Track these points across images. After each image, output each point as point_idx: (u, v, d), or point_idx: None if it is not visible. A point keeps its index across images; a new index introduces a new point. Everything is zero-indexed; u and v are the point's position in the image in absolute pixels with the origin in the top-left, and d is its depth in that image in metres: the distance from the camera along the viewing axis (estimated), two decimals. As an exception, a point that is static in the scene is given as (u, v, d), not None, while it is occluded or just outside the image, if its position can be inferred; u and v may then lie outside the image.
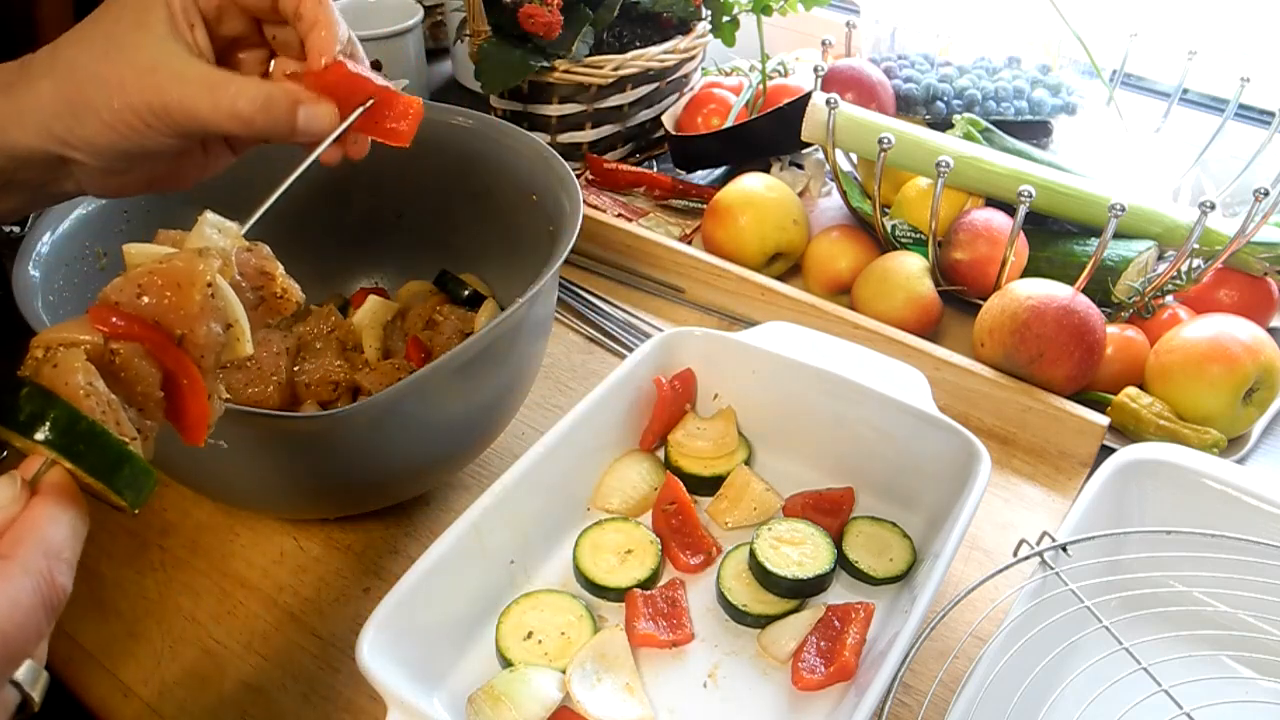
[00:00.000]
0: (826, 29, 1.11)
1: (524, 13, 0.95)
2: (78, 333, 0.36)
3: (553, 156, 0.69)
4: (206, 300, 0.38)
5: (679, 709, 0.56)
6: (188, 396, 0.38)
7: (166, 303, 0.37)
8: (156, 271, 0.37)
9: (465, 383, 0.59)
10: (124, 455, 0.35)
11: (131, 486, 0.35)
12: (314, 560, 0.67)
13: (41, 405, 0.33)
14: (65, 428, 0.33)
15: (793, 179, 1.03)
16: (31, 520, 0.33)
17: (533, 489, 0.60)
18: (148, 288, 0.37)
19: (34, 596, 0.31)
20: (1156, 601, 0.58)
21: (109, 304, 0.37)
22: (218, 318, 0.38)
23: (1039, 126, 1.01)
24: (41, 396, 0.33)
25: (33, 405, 0.33)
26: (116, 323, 0.36)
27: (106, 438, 0.34)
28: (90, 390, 0.34)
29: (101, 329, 0.36)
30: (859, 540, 0.64)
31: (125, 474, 0.35)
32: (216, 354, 0.39)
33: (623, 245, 0.95)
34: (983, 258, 0.84)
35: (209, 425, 0.39)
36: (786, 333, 0.72)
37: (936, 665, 0.60)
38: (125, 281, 0.37)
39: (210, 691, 0.59)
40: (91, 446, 0.34)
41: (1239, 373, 0.73)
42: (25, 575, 0.31)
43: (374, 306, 0.74)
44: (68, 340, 0.35)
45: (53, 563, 0.32)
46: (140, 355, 0.36)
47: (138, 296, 0.37)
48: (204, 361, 0.38)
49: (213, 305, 0.38)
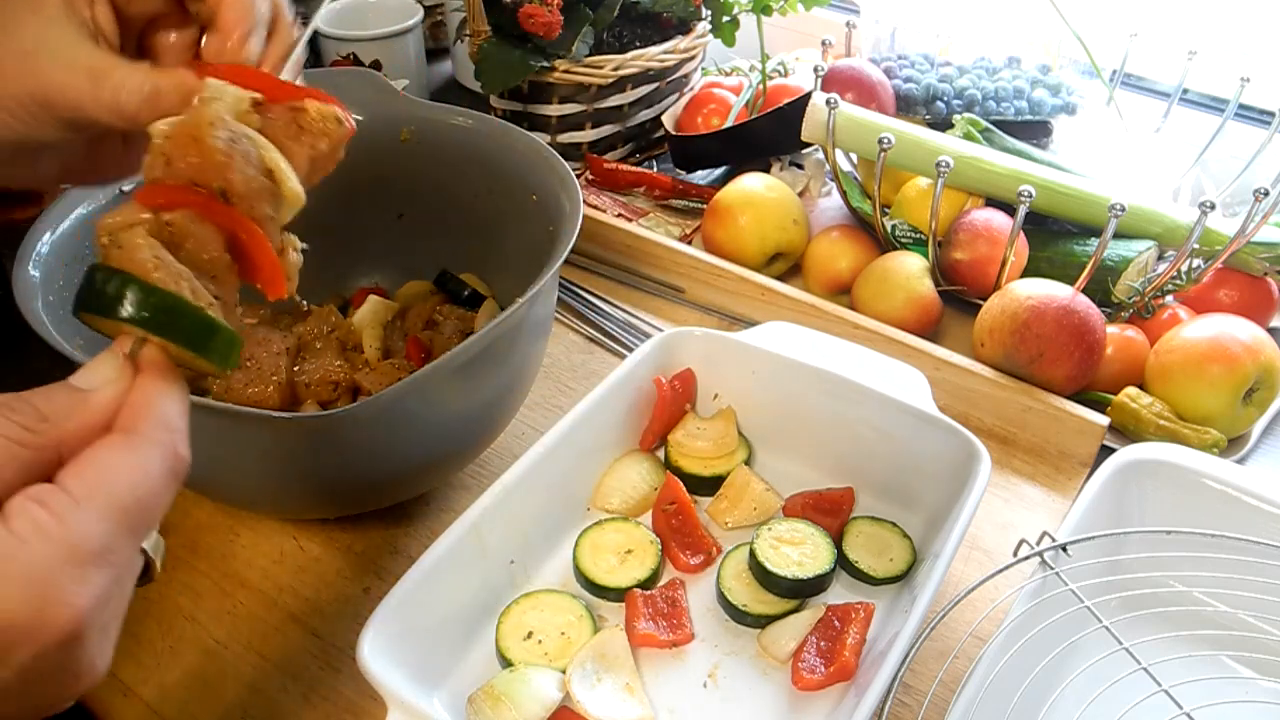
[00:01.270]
0: (826, 29, 1.11)
1: (524, 13, 0.95)
2: (132, 214, 0.36)
3: (553, 156, 0.69)
4: (227, 145, 0.37)
5: (679, 709, 0.56)
6: (253, 250, 0.38)
7: (193, 160, 0.37)
8: (172, 134, 0.37)
9: (465, 383, 0.59)
10: (205, 321, 0.35)
11: (218, 351, 0.36)
12: (314, 560, 0.67)
13: (118, 285, 0.34)
14: (143, 302, 0.34)
15: (793, 179, 1.03)
16: (145, 395, 0.33)
17: (533, 489, 0.60)
18: (171, 153, 0.37)
19: (162, 465, 0.32)
20: (1156, 601, 0.58)
21: (151, 181, 0.37)
22: (249, 161, 0.38)
23: (1039, 126, 1.01)
24: (116, 277, 0.34)
25: (110, 287, 0.34)
26: (160, 196, 0.36)
27: (184, 304, 0.35)
28: (158, 263, 0.34)
29: (149, 204, 0.36)
30: (859, 540, 0.64)
31: (210, 340, 0.35)
32: (267, 201, 0.38)
33: (623, 245, 0.95)
34: (983, 258, 0.84)
35: (289, 276, 0.39)
36: (786, 333, 0.72)
37: (936, 665, 0.60)
38: (154, 156, 0.37)
39: (210, 691, 0.59)
40: (172, 316, 0.34)
41: (1239, 373, 0.73)
42: (153, 446, 0.32)
43: (374, 306, 0.74)
44: (126, 223, 0.35)
45: (173, 434, 0.33)
46: (194, 220, 0.36)
47: (168, 165, 0.37)
48: (255, 211, 0.38)
49: (238, 149, 0.37)
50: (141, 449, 0.32)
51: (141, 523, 0.32)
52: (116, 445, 0.32)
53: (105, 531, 0.30)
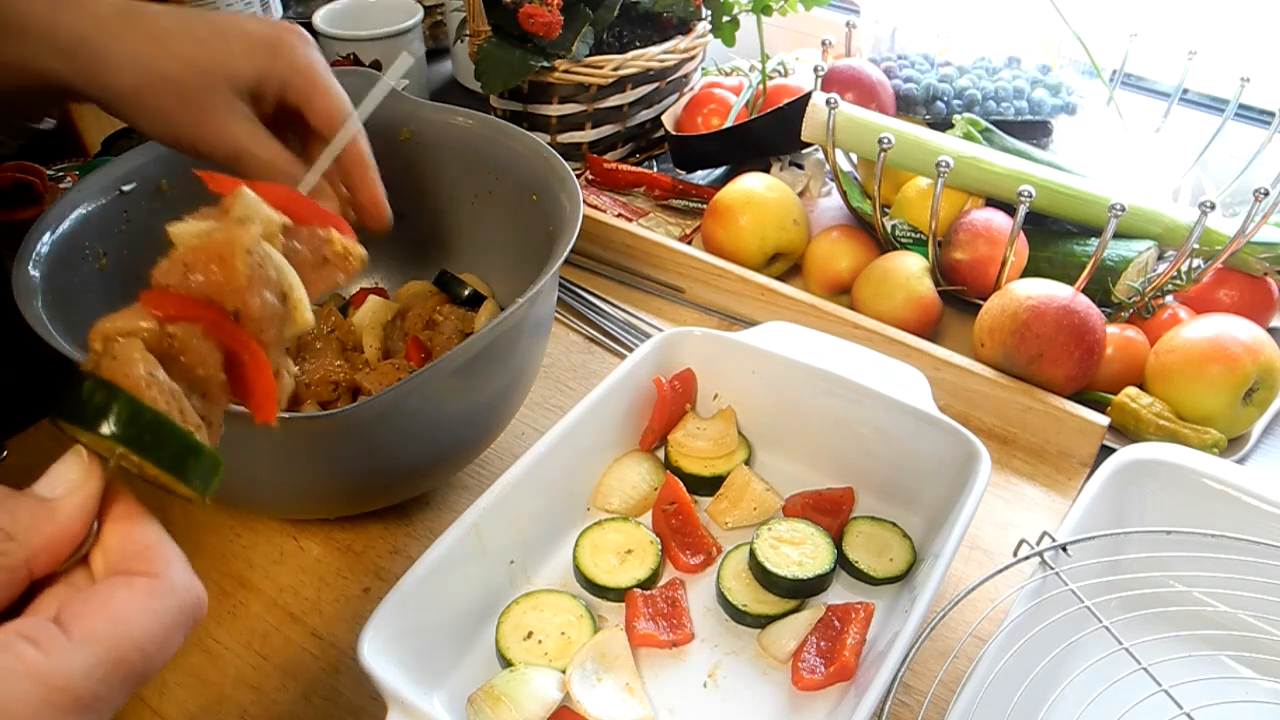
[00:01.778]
0: (826, 29, 1.11)
1: (524, 13, 0.95)
2: (133, 320, 0.35)
3: (553, 156, 0.69)
4: (252, 269, 0.36)
5: (679, 709, 0.56)
6: (252, 373, 0.37)
7: (214, 277, 0.36)
8: (199, 247, 0.36)
9: (465, 383, 0.59)
10: (190, 445, 0.34)
11: (200, 476, 0.34)
12: (314, 560, 0.67)
13: (105, 399, 0.32)
14: (130, 420, 0.32)
15: (793, 179, 1.03)
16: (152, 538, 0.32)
17: (533, 489, 0.60)
18: (193, 265, 0.36)
19: (180, 615, 0.31)
20: (1156, 601, 0.58)
21: (160, 288, 0.36)
22: (270, 287, 0.37)
23: (1039, 126, 1.01)
24: (104, 390, 0.33)
25: (97, 399, 0.32)
26: (169, 306, 0.35)
27: (172, 428, 0.33)
28: (151, 380, 0.33)
29: (156, 313, 0.35)
30: (859, 540, 0.64)
31: (192, 464, 0.34)
32: (277, 326, 0.38)
33: (623, 245, 0.95)
34: (983, 258, 0.84)
35: (279, 403, 0.38)
36: (786, 333, 0.72)
37: (936, 665, 0.60)
38: (171, 263, 0.36)
39: (210, 691, 0.59)
40: (158, 437, 0.33)
41: (1239, 373, 0.73)
42: (173, 595, 0.31)
43: (374, 306, 0.74)
44: (124, 330, 0.34)
45: (191, 575, 0.32)
46: (198, 336, 0.35)
47: (185, 276, 0.36)
48: (264, 335, 0.37)
49: (261, 274, 0.37)
50: (162, 598, 0.30)
51: (142, 676, 0.30)
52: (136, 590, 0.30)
53: (98, 681, 0.28)
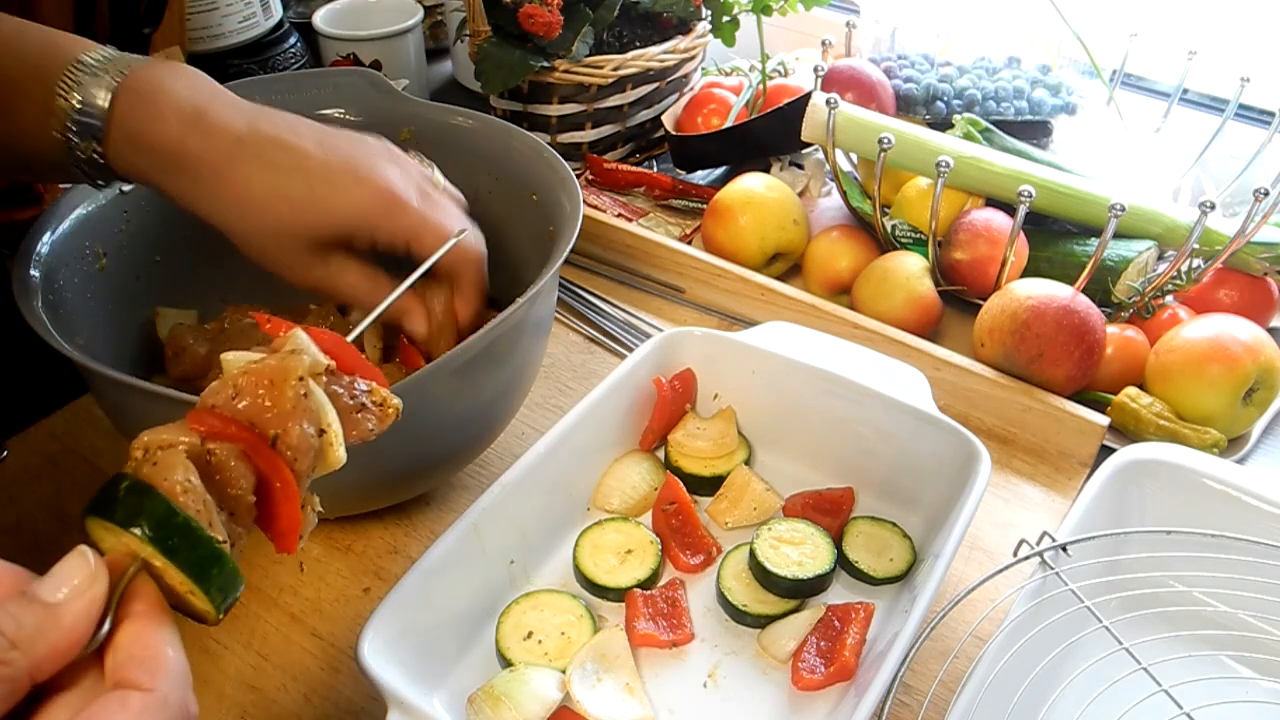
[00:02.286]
0: (826, 29, 1.11)
1: (524, 13, 0.95)
2: (176, 434, 0.36)
3: (553, 156, 0.69)
4: (299, 398, 0.38)
5: (679, 709, 0.56)
6: (280, 500, 0.38)
7: (260, 402, 0.37)
8: (250, 371, 0.38)
9: (465, 383, 0.59)
10: (217, 554, 0.35)
11: (221, 588, 0.35)
12: (314, 560, 0.67)
13: (140, 499, 0.34)
14: (161, 521, 0.33)
15: (793, 179, 1.03)
16: (154, 642, 0.32)
17: (533, 489, 0.60)
18: (242, 388, 0.38)
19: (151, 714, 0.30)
20: (1156, 601, 0.58)
21: (206, 408, 0.37)
22: (310, 419, 0.38)
23: (1039, 126, 1.01)
24: (140, 491, 0.34)
25: (131, 499, 0.34)
26: (213, 423, 0.37)
27: (201, 534, 0.34)
28: (188, 487, 0.35)
29: (199, 429, 0.37)
30: (859, 540, 0.64)
31: (216, 574, 0.35)
32: (310, 459, 0.39)
33: (623, 245, 0.95)
34: (983, 258, 0.84)
35: (301, 535, 0.39)
36: (786, 333, 0.72)
37: (936, 665, 0.60)
38: (221, 384, 0.38)
39: (210, 692, 0.59)
40: (185, 542, 0.34)
41: (1239, 373, 0.73)
42: (165, 709, 0.30)
43: (374, 306, 0.74)
44: (167, 442, 0.36)
45: (186, 691, 0.32)
46: (236, 456, 0.37)
47: (233, 398, 0.37)
48: (297, 465, 0.38)
49: (305, 405, 0.38)
50: (154, 711, 0.30)
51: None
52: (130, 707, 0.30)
53: None
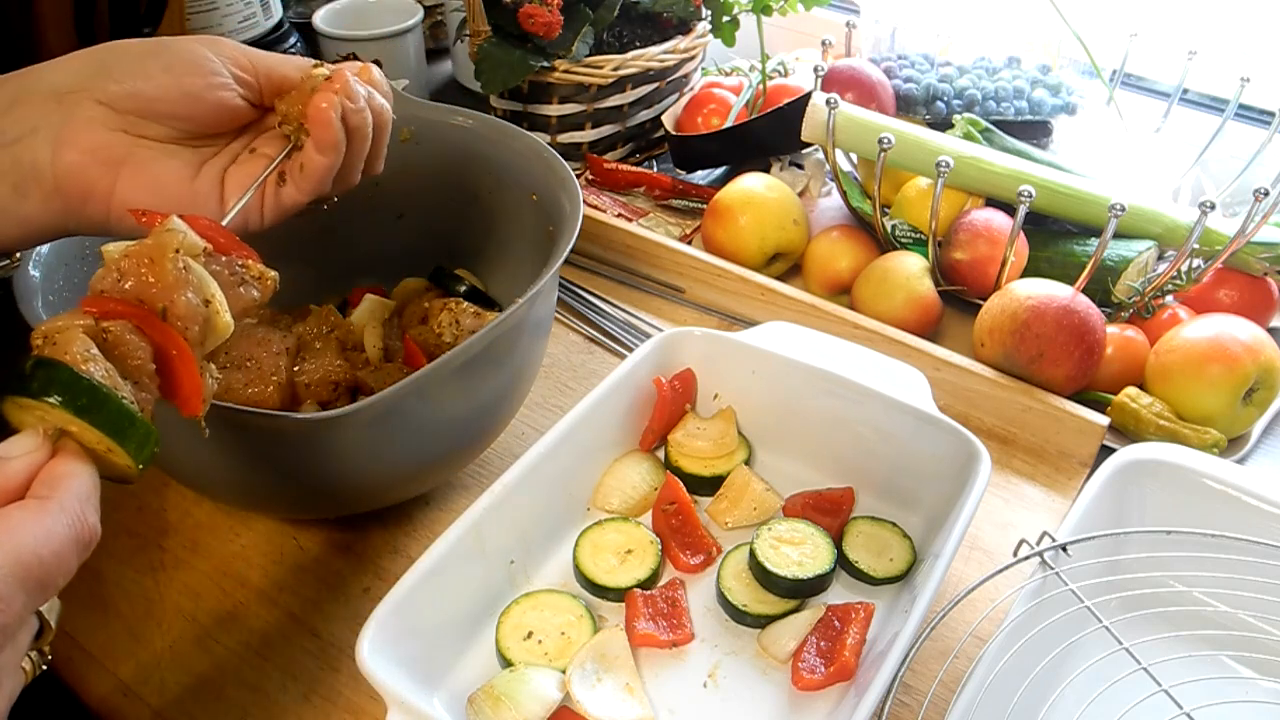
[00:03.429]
0: (826, 29, 1.11)
1: (524, 13, 0.95)
2: (71, 320, 0.39)
3: (553, 156, 0.69)
4: (179, 271, 0.41)
5: (679, 709, 0.56)
6: (178, 367, 0.41)
7: (143, 279, 0.41)
8: (130, 254, 0.41)
9: (465, 383, 0.59)
10: (127, 412, 0.38)
11: (136, 442, 0.38)
12: (314, 560, 0.67)
13: (48, 371, 0.37)
14: (71, 387, 0.37)
15: (793, 179, 1.03)
16: (61, 469, 0.36)
17: (533, 489, 0.60)
18: (125, 270, 0.41)
19: (69, 531, 0.35)
20: (1156, 601, 0.58)
21: (95, 294, 0.41)
22: (195, 290, 0.42)
23: (1039, 126, 1.01)
24: (46, 364, 0.37)
25: (40, 373, 0.37)
26: (104, 305, 0.40)
27: (108, 393, 0.38)
28: (88, 356, 0.38)
29: (91, 311, 0.40)
30: (859, 540, 0.64)
31: (129, 430, 0.38)
32: (201, 326, 0.42)
33: (623, 245, 0.95)
34: (983, 258, 0.84)
35: (204, 398, 0.43)
36: (786, 333, 0.72)
37: (936, 665, 0.60)
38: (105, 270, 0.41)
39: (210, 691, 0.59)
40: (97, 403, 0.37)
41: (1239, 373, 0.73)
42: (62, 513, 0.35)
43: (371, 305, 0.74)
44: (63, 326, 0.39)
45: (84, 504, 0.36)
46: (130, 331, 0.40)
47: (119, 280, 0.41)
48: (189, 334, 0.42)
49: (186, 277, 0.42)
50: (51, 514, 0.34)
51: (41, 582, 0.34)
52: (28, 508, 0.34)
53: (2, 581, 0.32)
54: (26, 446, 0.37)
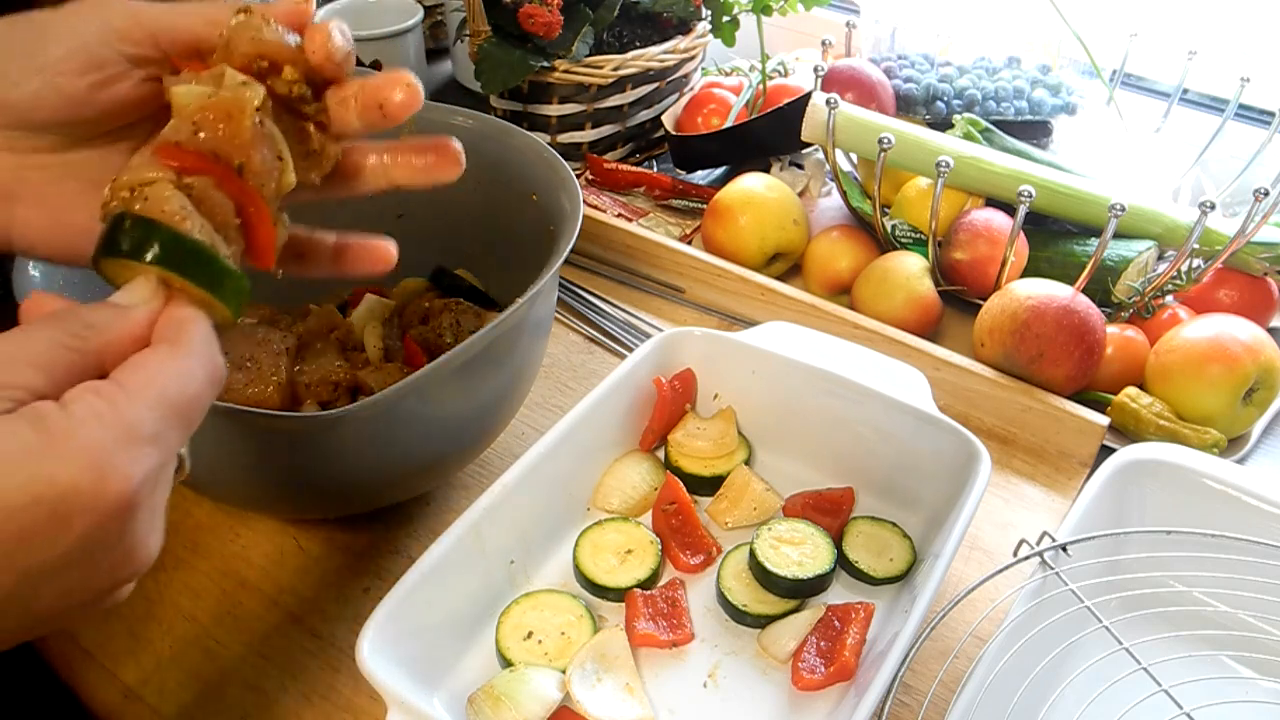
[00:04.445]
0: (826, 29, 1.11)
1: (524, 13, 0.95)
2: (152, 171, 0.38)
3: (553, 156, 0.69)
4: (257, 127, 0.40)
5: (679, 709, 0.56)
6: (255, 223, 0.40)
7: (221, 134, 0.39)
8: (208, 106, 0.39)
9: (465, 383, 0.59)
10: (225, 268, 0.38)
11: (234, 295, 0.39)
12: (314, 560, 0.67)
13: (146, 232, 0.36)
14: (172, 248, 0.36)
15: (793, 179, 1.03)
16: (182, 314, 0.36)
17: (533, 489, 0.60)
18: (202, 123, 0.39)
19: (204, 371, 0.35)
20: (1156, 601, 0.58)
21: (170, 144, 0.39)
22: (270, 145, 0.41)
23: (1039, 126, 1.01)
24: (145, 223, 0.36)
25: (138, 233, 0.36)
26: (184, 159, 0.38)
27: (210, 253, 0.38)
28: (185, 213, 0.37)
29: (171, 164, 0.38)
30: (859, 540, 0.64)
31: (228, 284, 0.38)
32: (274, 181, 0.41)
33: (623, 245, 0.95)
34: (983, 258, 0.84)
35: (276, 249, 0.42)
36: (786, 333, 0.72)
37: (936, 665, 0.60)
38: (180, 121, 0.39)
39: (210, 692, 0.59)
40: (198, 262, 0.37)
41: (1239, 373, 0.73)
42: (193, 355, 0.35)
43: (371, 305, 0.74)
44: (148, 178, 0.37)
45: (211, 346, 0.36)
46: (212, 186, 0.39)
47: (195, 133, 0.39)
48: (265, 190, 0.41)
49: (263, 132, 0.40)
50: (187, 357, 0.35)
51: (187, 419, 0.34)
52: (164, 352, 0.35)
53: (155, 419, 0.33)
54: (143, 295, 0.36)
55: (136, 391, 0.33)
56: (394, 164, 0.47)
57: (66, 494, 0.30)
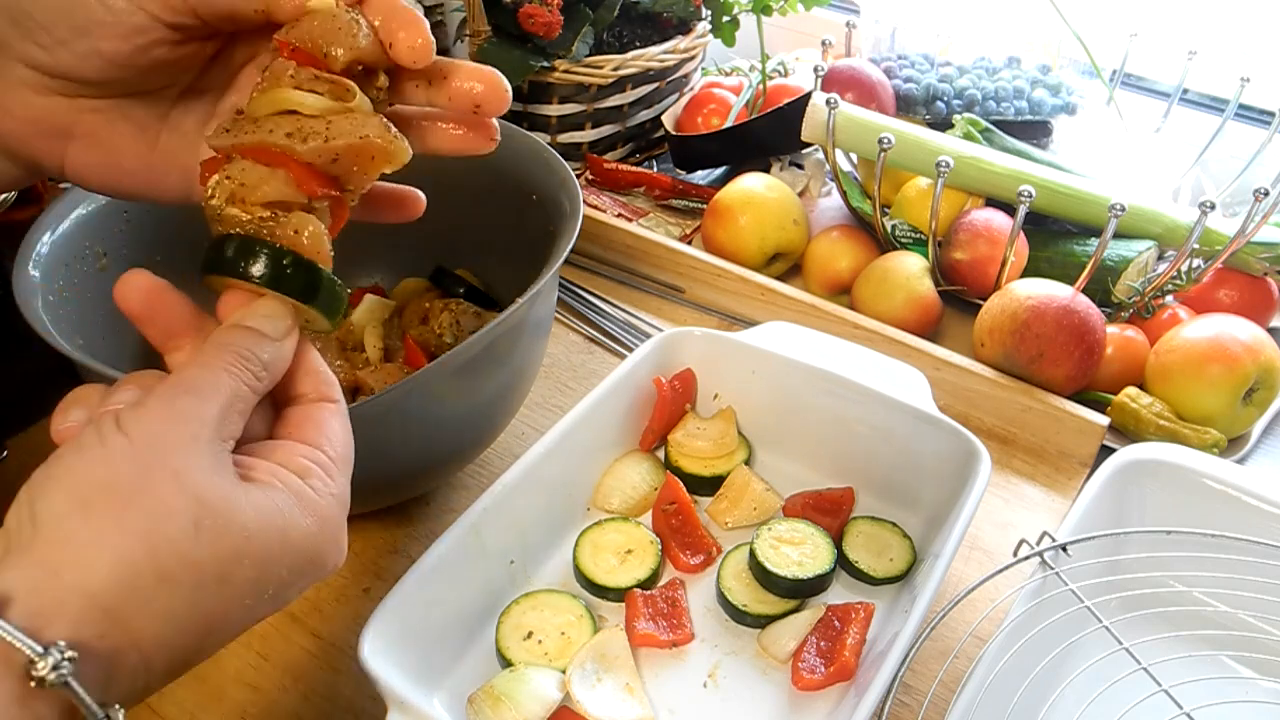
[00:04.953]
0: (826, 29, 1.11)
1: (524, 13, 0.95)
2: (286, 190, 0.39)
3: (553, 156, 0.69)
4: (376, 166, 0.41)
5: (679, 709, 0.56)
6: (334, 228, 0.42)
7: (355, 170, 0.40)
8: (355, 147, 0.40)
9: (465, 383, 0.59)
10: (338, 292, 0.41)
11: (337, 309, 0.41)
12: (314, 560, 0.67)
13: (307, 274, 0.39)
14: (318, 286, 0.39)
15: (793, 179, 1.03)
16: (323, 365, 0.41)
17: (533, 489, 0.60)
18: (344, 156, 0.40)
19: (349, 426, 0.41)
20: (1156, 601, 0.58)
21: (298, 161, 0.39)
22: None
23: (1039, 126, 1.01)
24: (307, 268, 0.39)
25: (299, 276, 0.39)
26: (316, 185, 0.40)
27: (340, 289, 0.40)
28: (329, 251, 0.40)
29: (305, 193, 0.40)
30: (859, 540, 0.64)
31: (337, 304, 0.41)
32: None
33: (623, 245, 0.95)
34: (983, 258, 0.84)
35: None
36: (786, 333, 0.72)
37: (936, 665, 0.60)
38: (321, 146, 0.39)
39: (210, 692, 0.59)
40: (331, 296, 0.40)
41: (1239, 373, 0.73)
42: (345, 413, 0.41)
43: (371, 305, 0.74)
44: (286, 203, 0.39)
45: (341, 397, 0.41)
46: (327, 210, 0.41)
47: (332, 161, 0.40)
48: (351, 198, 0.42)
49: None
50: (344, 415, 0.41)
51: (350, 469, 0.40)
52: (339, 419, 0.40)
53: (348, 485, 0.39)
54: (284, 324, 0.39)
55: (341, 464, 0.39)
56: (432, 130, 0.46)
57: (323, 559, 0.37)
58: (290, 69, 0.40)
